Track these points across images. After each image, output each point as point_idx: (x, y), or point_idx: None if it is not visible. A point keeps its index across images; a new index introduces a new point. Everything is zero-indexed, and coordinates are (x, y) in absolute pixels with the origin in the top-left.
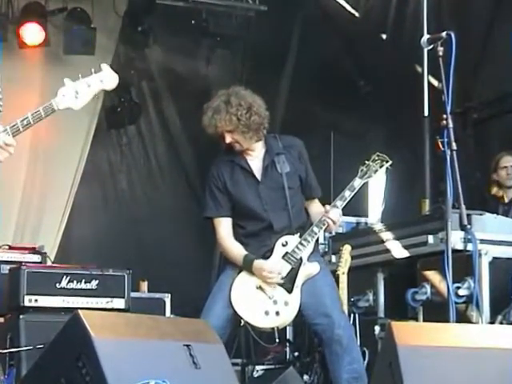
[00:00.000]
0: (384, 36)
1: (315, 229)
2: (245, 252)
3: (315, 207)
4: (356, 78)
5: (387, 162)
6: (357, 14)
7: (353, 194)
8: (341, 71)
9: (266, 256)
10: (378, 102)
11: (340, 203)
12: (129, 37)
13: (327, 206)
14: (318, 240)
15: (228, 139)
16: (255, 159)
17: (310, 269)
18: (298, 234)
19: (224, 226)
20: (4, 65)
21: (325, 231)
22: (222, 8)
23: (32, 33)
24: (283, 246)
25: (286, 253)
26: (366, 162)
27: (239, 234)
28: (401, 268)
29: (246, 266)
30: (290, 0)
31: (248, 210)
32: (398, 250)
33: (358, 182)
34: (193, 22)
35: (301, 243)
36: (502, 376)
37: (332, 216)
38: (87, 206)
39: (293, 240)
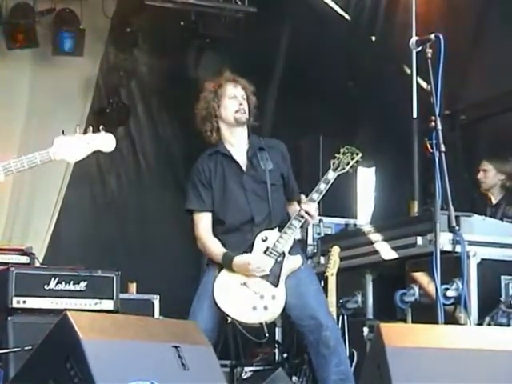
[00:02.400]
0: (373, 38)
1: (294, 222)
2: (224, 250)
3: (295, 208)
4: (345, 79)
5: (357, 154)
6: (347, 17)
7: (328, 186)
8: (330, 73)
9: (247, 251)
10: (367, 103)
11: (316, 195)
12: (117, 38)
13: (303, 199)
14: (305, 240)
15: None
16: (239, 152)
17: (293, 262)
18: (277, 228)
19: (204, 221)
20: None
21: (303, 224)
22: (211, 9)
23: (20, 34)
24: (263, 240)
25: (267, 247)
26: (336, 155)
27: (218, 231)
28: (389, 269)
29: (226, 264)
30: (279, 2)
31: (231, 201)
32: (386, 252)
33: (331, 175)
34: (182, 23)
35: (281, 237)
36: (490, 377)
37: (309, 209)
38: (76, 207)
39: (272, 234)
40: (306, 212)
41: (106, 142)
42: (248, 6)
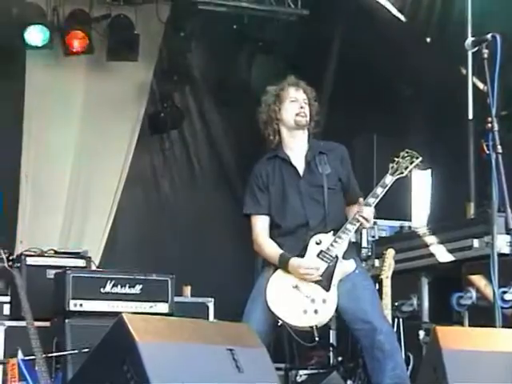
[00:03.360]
0: (428, 39)
1: (348, 226)
2: (280, 251)
3: (353, 210)
4: (398, 80)
5: (417, 158)
6: (402, 18)
7: (385, 190)
8: (383, 73)
9: (301, 255)
10: (421, 104)
11: (372, 200)
12: (171, 42)
13: (360, 204)
14: (360, 243)
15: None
16: (298, 156)
17: (346, 266)
18: (332, 232)
19: (261, 224)
20: (49, 72)
21: (358, 228)
22: (263, 13)
23: (76, 40)
24: (317, 244)
25: (321, 251)
26: (395, 158)
27: (275, 234)
28: (445, 272)
29: (282, 265)
30: (331, 3)
31: (287, 205)
32: (442, 254)
33: (389, 179)
34: (234, 26)
35: (335, 241)
36: None
37: (364, 213)
38: (131, 210)
39: (326, 238)
40: (362, 216)
41: None
42: (301, 8)
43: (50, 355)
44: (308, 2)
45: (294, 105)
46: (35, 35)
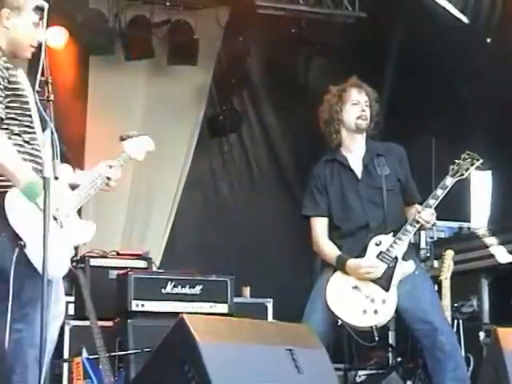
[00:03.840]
0: (488, 40)
1: (409, 227)
2: (338, 252)
3: (413, 211)
4: (459, 82)
5: (478, 160)
6: (465, 20)
7: (445, 192)
8: (443, 76)
9: (360, 256)
10: (481, 105)
11: (433, 202)
12: (230, 46)
13: (418, 206)
14: (418, 244)
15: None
16: (356, 158)
17: (405, 267)
18: (391, 233)
19: (320, 225)
20: (111, 76)
21: (418, 230)
22: (321, 16)
23: (137, 45)
24: (377, 245)
25: (381, 252)
26: (456, 160)
27: (334, 235)
28: (506, 273)
29: (340, 266)
30: (391, 5)
31: (347, 207)
32: (502, 255)
33: (449, 181)
34: (292, 30)
35: (395, 242)
36: None
37: (425, 215)
38: (190, 212)
39: (386, 239)
40: (422, 218)
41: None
42: (358, 11)
43: (113, 354)
44: (365, 4)
45: (356, 107)
46: None
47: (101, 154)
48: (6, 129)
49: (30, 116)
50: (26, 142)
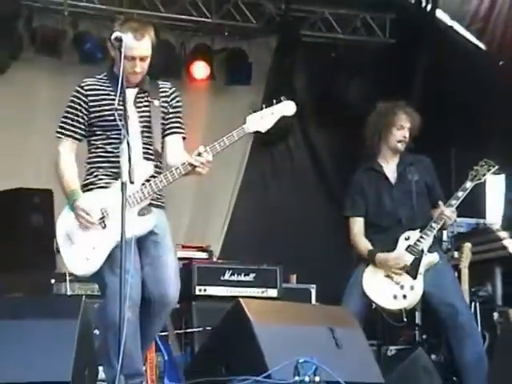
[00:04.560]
0: (501, 62)
1: (433, 224)
2: (370, 247)
3: (437, 212)
4: (476, 99)
5: (494, 166)
6: (482, 46)
7: (465, 194)
8: (462, 95)
9: (392, 249)
10: (497, 119)
11: (454, 202)
12: (278, 68)
13: (442, 205)
14: (441, 238)
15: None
16: (390, 167)
17: (430, 258)
18: (419, 229)
19: (357, 225)
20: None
21: (442, 226)
22: (356, 42)
23: (200, 69)
24: (406, 239)
25: (409, 245)
26: (475, 167)
27: (370, 231)
28: None
29: (370, 259)
30: (416, 34)
31: (383, 209)
32: None
33: (469, 184)
34: (332, 54)
35: (421, 237)
36: None
37: (447, 213)
38: (245, 211)
39: (414, 235)
40: (446, 216)
41: (286, 107)
42: (388, 37)
43: (180, 332)
44: (395, 32)
45: (400, 132)
46: None
47: None
48: (90, 143)
49: (116, 131)
50: (109, 152)
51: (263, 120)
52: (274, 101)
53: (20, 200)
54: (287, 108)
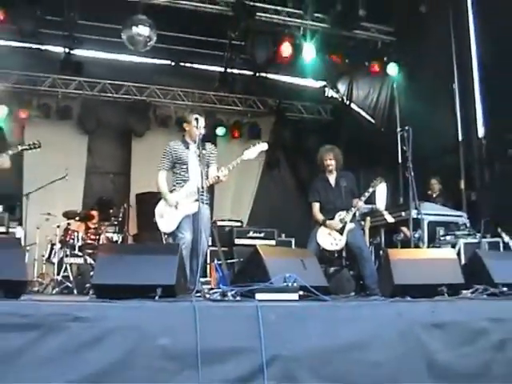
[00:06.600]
0: (382, 129)
1: (352, 208)
2: (323, 217)
3: (354, 201)
4: (368, 147)
5: (381, 180)
6: (372, 120)
7: (368, 194)
8: (369, 148)
9: (332, 219)
10: (380, 156)
11: (363, 198)
12: (274, 132)
13: (356, 199)
14: (355, 214)
15: (333, 164)
16: (332, 178)
17: (350, 225)
18: (345, 211)
19: (316, 206)
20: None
21: (357, 209)
22: (313, 119)
23: (236, 132)
24: (339, 216)
25: (340, 219)
26: (373, 180)
27: (321, 210)
28: (392, 227)
29: (323, 224)
30: (341, 114)
31: (327, 199)
32: (390, 219)
33: (371, 189)
34: (301, 125)
35: (346, 214)
36: None
37: (359, 203)
38: (264, 193)
39: (343, 213)
40: (358, 205)
41: (262, 146)
42: (329, 116)
43: (227, 262)
44: (332, 114)
45: (328, 162)
46: None
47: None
48: (174, 173)
49: (186, 165)
50: (181, 174)
51: (250, 152)
52: (257, 142)
53: (152, 199)
54: (262, 146)
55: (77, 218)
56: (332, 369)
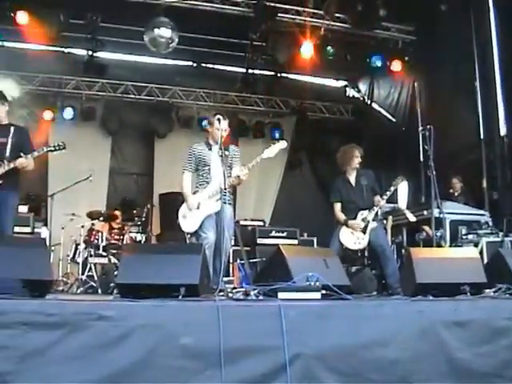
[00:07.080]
0: (403, 128)
1: (374, 207)
2: (345, 217)
3: (376, 200)
4: (389, 146)
5: (403, 179)
6: (393, 119)
7: (390, 193)
8: (388, 149)
9: (353, 218)
10: (401, 157)
11: (384, 196)
12: (297, 133)
13: (378, 197)
14: (377, 213)
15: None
16: (352, 177)
17: (372, 224)
18: (368, 210)
19: (338, 206)
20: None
21: (380, 209)
22: (335, 119)
23: (258, 133)
24: (361, 215)
25: (363, 218)
26: (395, 179)
27: (343, 210)
28: (414, 226)
29: (345, 223)
30: (364, 115)
31: (349, 198)
32: (411, 218)
33: (392, 188)
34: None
35: (369, 213)
36: None
37: (381, 202)
38: (286, 191)
39: (365, 212)
40: (380, 204)
41: (281, 144)
42: (350, 116)
43: (250, 261)
44: (353, 113)
45: (359, 159)
46: None
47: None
48: (198, 175)
49: (208, 167)
50: (204, 176)
51: (270, 150)
52: (276, 141)
53: (175, 199)
54: (282, 144)
55: (101, 219)
56: (354, 367)
